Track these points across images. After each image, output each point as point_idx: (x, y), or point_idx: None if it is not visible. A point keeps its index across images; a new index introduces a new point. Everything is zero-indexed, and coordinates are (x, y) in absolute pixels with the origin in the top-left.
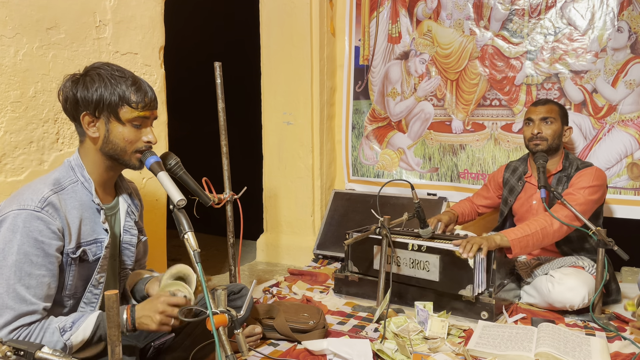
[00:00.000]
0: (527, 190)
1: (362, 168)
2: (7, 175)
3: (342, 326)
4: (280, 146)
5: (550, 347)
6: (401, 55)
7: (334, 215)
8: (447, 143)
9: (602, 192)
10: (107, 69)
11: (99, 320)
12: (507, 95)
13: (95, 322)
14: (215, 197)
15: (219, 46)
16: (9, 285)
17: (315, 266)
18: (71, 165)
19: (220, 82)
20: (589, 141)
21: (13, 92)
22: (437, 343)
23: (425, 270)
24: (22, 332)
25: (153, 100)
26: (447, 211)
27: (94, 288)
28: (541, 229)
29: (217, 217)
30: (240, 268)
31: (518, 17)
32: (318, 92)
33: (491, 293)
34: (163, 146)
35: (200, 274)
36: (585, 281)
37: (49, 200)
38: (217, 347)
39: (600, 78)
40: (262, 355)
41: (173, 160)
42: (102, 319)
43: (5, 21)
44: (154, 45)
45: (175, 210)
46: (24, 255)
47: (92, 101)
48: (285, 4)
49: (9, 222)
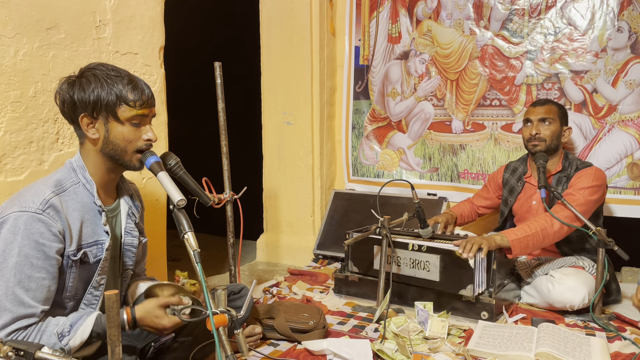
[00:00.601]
0: (526, 190)
1: (362, 168)
2: (7, 175)
3: (342, 326)
4: (280, 146)
5: (550, 347)
6: (401, 55)
7: (334, 215)
8: (447, 143)
9: (602, 192)
10: (102, 69)
11: (97, 322)
12: (507, 95)
13: (93, 324)
14: (215, 197)
15: (219, 46)
16: (7, 287)
17: (315, 266)
18: (73, 166)
19: (220, 82)
20: (589, 141)
21: (13, 92)
22: (437, 343)
23: (426, 270)
24: (19, 335)
25: (150, 98)
26: (446, 212)
27: (94, 290)
28: (541, 229)
29: (217, 217)
30: (240, 268)
31: (518, 17)
32: (318, 92)
33: (491, 293)
34: (163, 146)
35: (200, 274)
36: (585, 281)
37: (51, 202)
38: (217, 347)
39: (601, 78)
40: (262, 355)
41: (173, 160)
42: (100, 319)
43: (5, 21)
44: (154, 45)
45: (175, 210)
46: (24, 257)
47: (90, 102)
48: (285, 4)
49: (10, 224)
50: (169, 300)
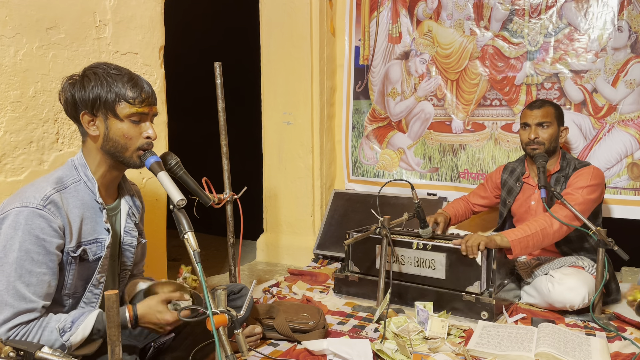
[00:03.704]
0: (525, 191)
1: (362, 168)
2: (7, 175)
3: (342, 326)
4: (280, 146)
5: (550, 347)
6: (401, 55)
7: (334, 215)
8: (447, 143)
9: (600, 191)
10: (103, 67)
11: (98, 318)
12: (507, 95)
13: (95, 320)
14: (215, 197)
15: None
16: (9, 282)
17: (315, 266)
18: (74, 164)
19: (220, 82)
20: (589, 141)
21: (13, 92)
22: (437, 343)
23: (431, 269)
24: (21, 330)
25: (150, 96)
26: (440, 212)
27: (94, 288)
28: (541, 229)
29: (217, 217)
30: (240, 268)
31: (518, 17)
32: (318, 92)
33: (491, 293)
34: (163, 146)
35: (200, 274)
36: (585, 281)
37: (51, 198)
38: (217, 347)
39: (601, 78)
40: (262, 355)
41: (173, 160)
42: (101, 317)
43: (5, 21)
44: (154, 45)
45: (175, 210)
46: (25, 252)
47: (89, 100)
48: (285, 3)
49: (11, 219)
50: (171, 296)
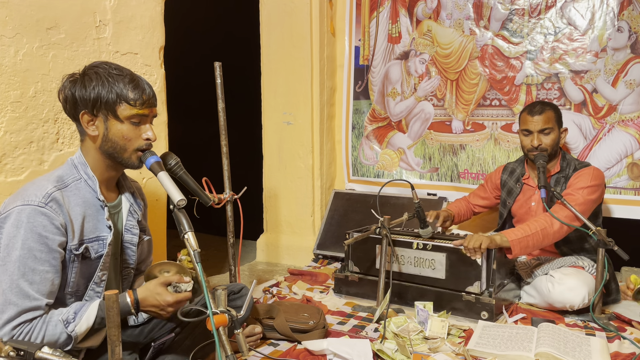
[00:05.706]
0: (525, 192)
1: (362, 168)
2: (7, 175)
3: (342, 326)
4: (280, 146)
5: (550, 347)
6: (401, 55)
7: (334, 215)
8: (447, 143)
9: (600, 192)
10: (105, 67)
11: (100, 307)
12: (507, 95)
13: (97, 309)
14: (215, 197)
15: (219, 46)
16: (12, 280)
17: (315, 266)
18: (74, 163)
19: (220, 82)
20: (589, 141)
21: (13, 92)
22: (437, 343)
23: (431, 269)
24: (25, 328)
25: (151, 98)
26: (444, 210)
27: (96, 285)
28: (541, 229)
29: (217, 217)
30: (240, 268)
31: (518, 17)
32: (318, 92)
33: (491, 293)
34: (163, 146)
35: (200, 274)
36: (585, 281)
37: (53, 196)
38: (217, 347)
39: (601, 78)
40: (262, 355)
41: (173, 160)
42: (103, 305)
43: (5, 21)
44: (154, 45)
45: (175, 210)
46: (27, 250)
47: (90, 100)
48: (285, 4)
49: (13, 218)
50: (170, 279)
